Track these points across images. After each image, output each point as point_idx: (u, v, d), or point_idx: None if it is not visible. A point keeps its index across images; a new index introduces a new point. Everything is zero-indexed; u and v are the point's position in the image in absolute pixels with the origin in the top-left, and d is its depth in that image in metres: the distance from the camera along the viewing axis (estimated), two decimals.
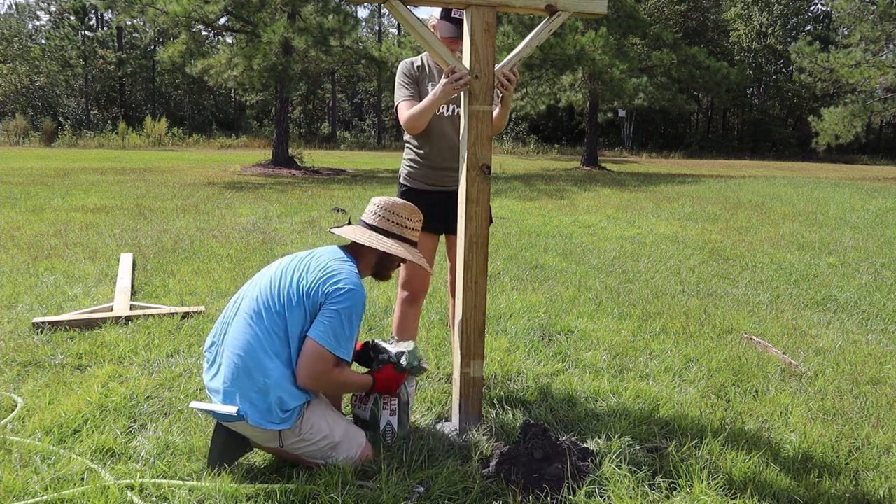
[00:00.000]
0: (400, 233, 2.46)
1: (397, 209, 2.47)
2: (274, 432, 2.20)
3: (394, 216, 2.46)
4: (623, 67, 18.96)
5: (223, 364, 2.26)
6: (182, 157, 21.63)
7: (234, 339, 2.24)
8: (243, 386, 2.18)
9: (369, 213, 2.48)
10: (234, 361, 2.20)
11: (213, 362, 2.33)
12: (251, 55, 15.50)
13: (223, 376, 2.23)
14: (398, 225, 2.46)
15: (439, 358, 3.48)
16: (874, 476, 2.44)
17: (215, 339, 2.36)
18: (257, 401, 2.17)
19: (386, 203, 2.48)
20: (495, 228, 7.88)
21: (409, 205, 2.51)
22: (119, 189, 11.32)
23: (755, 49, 41.68)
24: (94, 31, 40.09)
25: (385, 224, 2.45)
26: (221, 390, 2.22)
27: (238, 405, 2.16)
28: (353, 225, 2.48)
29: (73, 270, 5.30)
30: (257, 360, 2.18)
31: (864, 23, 20.22)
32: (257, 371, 2.17)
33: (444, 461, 2.37)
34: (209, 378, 2.33)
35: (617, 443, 2.51)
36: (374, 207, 2.49)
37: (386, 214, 2.46)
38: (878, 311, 4.79)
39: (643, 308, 4.64)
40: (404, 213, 2.48)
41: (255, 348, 2.19)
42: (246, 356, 2.19)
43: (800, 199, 12.74)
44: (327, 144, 34.55)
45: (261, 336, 2.20)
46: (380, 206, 2.48)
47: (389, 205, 2.48)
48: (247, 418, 2.15)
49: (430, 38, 2.43)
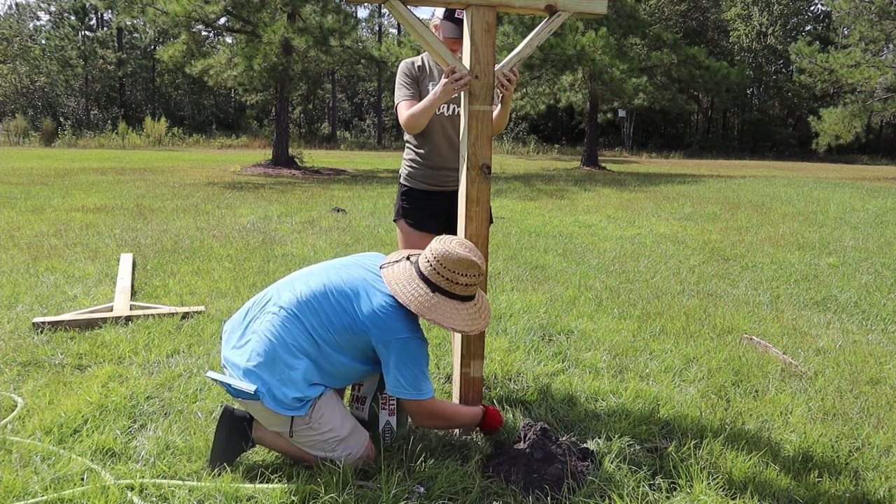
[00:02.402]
0: (449, 288, 2.25)
1: (450, 265, 2.24)
2: (287, 417, 2.22)
3: (445, 271, 2.25)
4: (623, 67, 18.96)
5: (251, 343, 2.27)
6: (182, 158, 21.62)
7: (269, 327, 2.26)
8: (266, 372, 2.20)
9: (424, 260, 2.29)
10: (264, 348, 2.22)
11: (240, 335, 2.33)
12: (251, 55, 15.50)
13: (248, 355, 2.24)
14: (448, 281, 2.25)
15: (439, 358, 3.48)
16: (874, 476, 2.44)
17: (249, 312, 2.37)
18: (276, 387, 2.19)
19: (441, 254, 2.26)
20: (495, 228, 7.88)
21: (466, 259, 2.24)
22: (119, 189, 11.32)
23: (755, 49, 41.67)
24: (94, 31, 40.07)
25: (434, 277, 2.26)
26: (242, 367, 2.24)
27: (257, 385, 2.18)
28: (407, 263, 2.33)
29: (73, 270, 5.30)
30: (286, 355, 2.21)
31: (863, 22, 20.22)
32: (283, 364, 2.21)
33: (444, 461, 2.37)
34: (231, 349, 2.32)
35: (617, 443, 2.51)
36: (429, 255, 2.28)
37: (437, 267, 2.26)
38: (878, 311, 4.79)
39: (643, 308, 4.64)
40: (459, 270, 2.24)
41: (287, 344, 2.22)
42: (278, 347, 2.22)
43: (800, 199, 12.75)
44: (327, 144, 34.53)
45: (296, 334, 2.23)
46: (434, 256, 2.27)
47: (442, 257, 2.25)
48: (263, 399, 2.17)
49: (429, 37, 2.43)
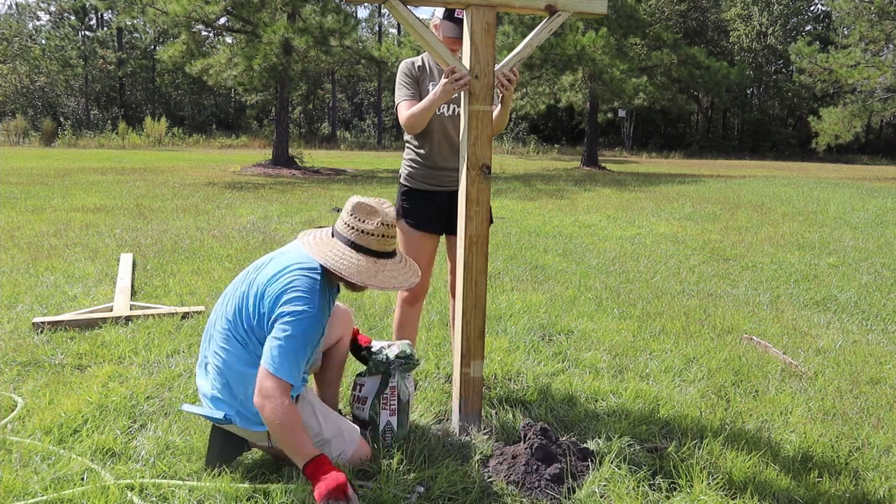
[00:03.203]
0: (364, 243, 2.10)
1: (356, 211, 2.12)
2: (263, 433, 2.22)
3: (352, 220, 2.12)
4: (623, 67, 18.96)
5: (210, 367, 2.28)
6: (182, 158, 21.62)
7: (215, 349, 2.25)
8: (227, 395, 2.21)
9: (342, 223, 2.18)
10: (216, 372, 2.23)
11: (201, 362, 2.34)
12: (251, 55, 15.51)
13: (211, 381, 2.26)
14: (356, 231, 2.09)
15: (439, 358, 3.48)
16: (874, 476, 2.44)
17: (204, 338, 2.37)
18: (240, 408, 2.20)
19: (351, 205, 2.14)
20: (495, 228, 7.88)
21: (366, 205, 2.11)
22: (119, 189, 11.31)
23: (755, 49, 41.68)
24: (94, 31, 40.08)
25: (345, 231, 2.12)
26: (209, 394, 2.25)
27: (224, 410, 2.20)
28: (324, 228, 2.25)
29: (73, 270, 5.30)
30: (235, 373, 2.19)
31: (863, 22, 20.22)
32: (236, 383, 2.19)
33: (443, 461, 2.36)
34: (200, 380, 2.34)
35: (617, 443, 2.51)
36: (346, 216, 2.16)
37: (346, 218, 2.14)
38: (878, 311, 4.79)
39: (643, 308, 4.64)
40: (362, 216, 2.11)
41: (231, 361, 2.20)
42: (225, 368, 2.20)
43: (800, 199, 12.74)
44: (327, 144, 34.53)
45: (234, 349, 2.20)
46: (347, 209, 2.16)
47: (352, 206, 2.12)
48: (234, 422, 2.19)
49: (429, 37, 2.43)
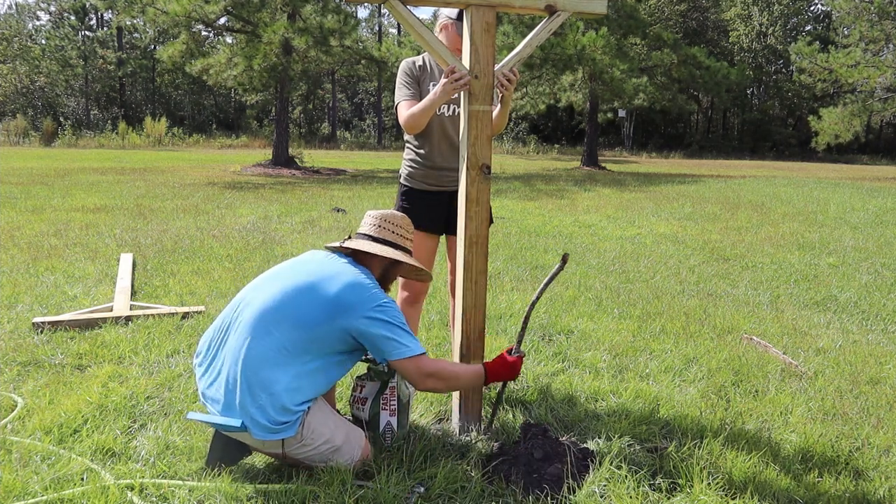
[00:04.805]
0: (402, 244, 2.54)
1: (396, 220, 2.56)
2: (277, 441, 2.17)
3: (395, 227, 2.54)
4: (623, 67, 18.96)
5: (223, 373, 2.21)
6: (182, 158, 21.62)
7: (235, 349, 2.19)
8: (244, 400, 2.13)
9: (371, 227, 2.53)
10: (235, 374, 2.16)
11: (210, 369, 2.28)
12: (251, 55, 15.51)
13: (223, 386, 2.19)
14: (399, 236, 2.54)
15: (439, 358, 3.48)
16: (874, 476, 2.44)
17: (212, 344, 2.31)
18: (258, 415, 2.12)
19: (385, 215, 2.57)
20: (495, 228, 7.88)
21: (404, 217, 2.60)
22: (119, 189, 11.32)
23: (755, 49, 41.68)
24: (94, 31, 40.10)
25: (389, 235, 2.52)
26: (221, 401, 2.19)
27: (240, 417, 2.13)
28: (355, 238, 2.51)
29: (73, 270, 5.30)
30: (260, 376, 2.14)
31: (863, 22, 20.23)
32: (259, 387, 2.13)
33: (443, 461, 2.36)
34: (206, 385, 2.27)
35: (617, 443, 2.51)
36: (373, 220, 2.55)
37: (388, 226, 2.54)
38: (878, 311, 4.79)
39: (643, 308, 4.64)
40: (403, 225, 2.56)
41: (258, 363, 2.14)
42: (248, 370, 2.14)
43: (800, 199, 12.75)
44: (327, 144, 34.54)
45: (266, 350, 2.15)
46: (380, 219, 2.55)
47: (389, 216, 2.57)
48: (250, 431, 2.12)
49: (429, 38, 2.43)
